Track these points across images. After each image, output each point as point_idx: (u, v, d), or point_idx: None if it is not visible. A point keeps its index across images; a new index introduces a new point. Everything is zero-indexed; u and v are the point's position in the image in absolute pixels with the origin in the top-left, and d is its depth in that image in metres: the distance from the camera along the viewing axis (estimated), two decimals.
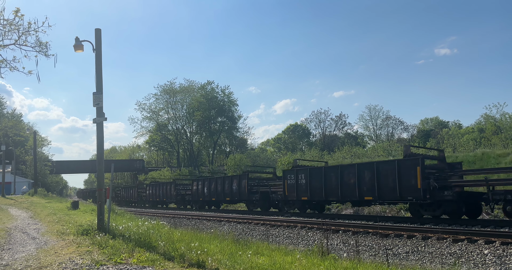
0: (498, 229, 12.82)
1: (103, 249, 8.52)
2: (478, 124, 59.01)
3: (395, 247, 12.32)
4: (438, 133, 58.29)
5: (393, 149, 43.90)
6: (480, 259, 10.19)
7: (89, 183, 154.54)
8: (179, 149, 77.30)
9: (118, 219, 15.09)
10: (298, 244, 14.99)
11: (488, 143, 37.72)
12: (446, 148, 38.34)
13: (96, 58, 12.09)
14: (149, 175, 67.84)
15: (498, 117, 49.45)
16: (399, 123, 71.21)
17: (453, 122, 78.14)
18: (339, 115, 74.30)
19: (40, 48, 11.29)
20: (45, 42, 11.35)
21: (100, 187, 11.82)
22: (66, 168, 75.17)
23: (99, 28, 12.20)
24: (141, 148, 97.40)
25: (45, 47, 11.36)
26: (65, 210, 21.28)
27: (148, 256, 7.62)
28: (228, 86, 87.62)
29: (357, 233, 14.21)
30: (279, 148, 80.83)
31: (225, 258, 7.68)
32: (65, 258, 7.88)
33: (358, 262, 8.07)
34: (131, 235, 9.94)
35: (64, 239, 10.41)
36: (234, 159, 53.79)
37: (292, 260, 7.95)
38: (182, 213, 28.75)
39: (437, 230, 12.80)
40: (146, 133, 78.87)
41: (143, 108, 74.64)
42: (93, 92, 11.86)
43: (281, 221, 18.81)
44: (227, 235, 12.61)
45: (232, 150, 76.99)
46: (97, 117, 11.78)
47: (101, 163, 11.85)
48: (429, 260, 10.99)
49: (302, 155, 54.50)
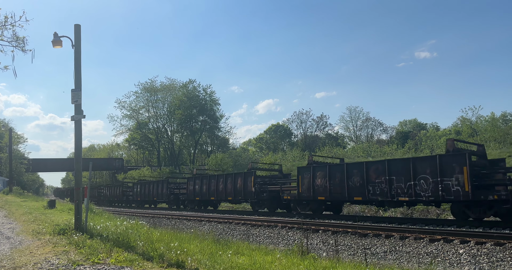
0: (473, 229, 13.14)
1: (80, 249, 8.36)
2: (455, 126, 60.34)
3: (373, 247, 12.49)
4: (416, 135, 59.41)
5: (372, 150, 44.49)
6: (456, 259, 10.43)
7: (66, 181, 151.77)
8: (160, 148, 76.58)
9: (96, 218, 14.86)
10: (278, 243, 15.04)
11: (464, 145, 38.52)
12: (424, 150, 39.09)
13: (75, 54, 11.86)
14: (128, 174, 67.06)
15: (474, 119, 50.72)
16: (379, 124, 72.41)
17: (431, 124, 79.78)
18: (321, 116, 75.13)
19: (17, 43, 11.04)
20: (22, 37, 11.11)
21: (78, 186, 11.60)
22: (43, 166, 73.63)
23: (79, 24, 11.98)
24: (121, 147, 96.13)
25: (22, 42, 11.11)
26: (41, 209, 20.84)
27: (127, 256, 7.52)
28: (210, 85, 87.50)
29: (336, 232, 14.35)
30: (260, 148, 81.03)
31: (205, 258, 7.64)
32: (41, 258, 7.71)
33: (337, 262, 8.15)
34: (109, 234, 9.80)
35: (40, 239, 10.18)
36: (215, 159, 53.63)
37: (272, 259, 7.97)
38: (161, 213, 28.46)
39: (414, 230, 13.03)
40: (125, 132, 77.81)
41: (123, 106, 73.58)
42: (72, 89, 11.62)
43: (261, 221, 18.83)
44: (208, 235, 12.56)
45: (213, 150, 76.68)
46: (75, 115, 11.55)
47: (79, 162, 11.63)
48: (407, 259, 11.18)
49: (284, 155, 54.74)
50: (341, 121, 76.53)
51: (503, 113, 49.85)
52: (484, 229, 13.26)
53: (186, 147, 78.26)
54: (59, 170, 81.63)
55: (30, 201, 28.61)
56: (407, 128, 76.21)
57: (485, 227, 13.57)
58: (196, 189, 31.32)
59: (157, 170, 66.02)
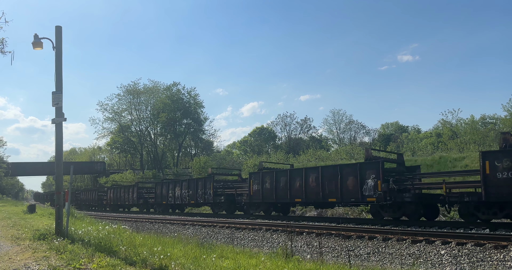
0: (454, 230, 13.36)
1: (61, 254, 8.20)
2: (436, 129, 61.39)
3: (357, 248, 12.58)
4: (398, 137, 60.23)
5: (355, 152, 44.93)
6: (437, 259, 10.58)
7: (47, 186, 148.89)
8: (143, 151, 75.74)
9: (77, 223, 14.62)
10: (263, 246, 15.03)
11: (445, 147, 39.30)
12: (406, 152, 39.68)
13: (56, 56, 11.69)
14: (110, 178, 66.06)
15: (454, 122, 51.65)
16: (361, 127, 73.05)
17: (412, 127, 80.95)
18: (304, 119, 75.34)
19: None
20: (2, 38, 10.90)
21: (59, 190, 11.39)
22: (23, 170, 72.07)
23: (60, 25, 11.81)
24: (103, 150, 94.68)
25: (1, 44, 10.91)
26: (21, 214, 20.41)
27: (109, 261, 7.41)
28: (194, 87, 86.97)
29: (320, 234, 14.41)
30: (245, 151, 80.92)
31: (189, 262, 7.58)
32: (20, 264, 7.53)
33: (321, 264, 8.18)
34: (91, 239, 9.65)
35: (19, 244, 9.95)
36: (199, 162, 53.36)
37: (256, 262, 7.96)
38: (144, 217, 28.18)
39: (397, 231, 13.18)
40: (107, 135, 76.62)
41: (105, 108, 72.48)
42: (53, 92, 11.44)
43: (246, 223, 18.80)
44: (191, 239, 12.47)
45: (197, 153, 76.22)
46: (56, 118, 11.37)
47: (59, 165, 11.43)
48: (389, 260, 11.29)
49: (268, 157, 54.82)
50: (324, 124, 77.07)
51: (482, 116, 50.92)
52: (465, 230, 13.50)
53: (169, 150, 77.62)
54: (39, 174, 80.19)
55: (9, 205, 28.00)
56: (389, 131, 77.20)
57: (466, 228, 13.83)
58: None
59: (140, 174, 65.28)
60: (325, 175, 19.04)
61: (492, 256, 9.95)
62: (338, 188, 18.28)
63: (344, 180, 18.11)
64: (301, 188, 20.09)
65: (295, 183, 20.57)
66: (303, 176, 20.06)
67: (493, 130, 39.20)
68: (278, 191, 21.57)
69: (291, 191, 20.70)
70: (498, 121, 44.93)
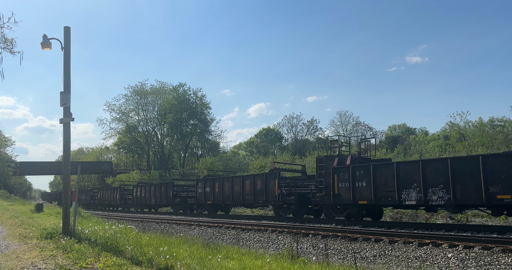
0: (461, 234, 13.26)
1: (68, 253, 8.26)
2: (443, 131, 60.87)
3: (363, 251, 12.53)
4: (406, 140, 59.87)
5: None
6: (444, 263, 10.50)
7: (54, 185, 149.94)
8: (149, 152, 76.05)
9: (84, 222, 14.71)
10: (268, 248, 15.01)
11: (453, 150, 39.02)
12: (414, 154, 39.45)
13: (64, 57, 11.78)
14: (117, 178, 66.41)
15: (462, 125, 51.17)
16: (368, 129, 72.72)
17: (420, 129, 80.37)
18: (311, 120, 75.17)
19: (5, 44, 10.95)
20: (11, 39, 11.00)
21: (66, 190, 11.47)
22: (31, 169, 72.70)
23: (68, 26, 11.91)
24: (110, 150, 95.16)
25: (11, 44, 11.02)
26: (29, 213, 20.57)
27: (115, 261, 7.44)
28: (200, 88, 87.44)
29: (326, 236, 14.37)
30: (251, 152, 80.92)
31: (195, 262, 7.59)
32: (27, 262, 7.59)
33: (327, 266, 8.16)
34: (97, 239, 9.70)
35: (27, 243, 10.04)
36: (205, 163, 53.45)
37: (262, 264, 7.95)
38: (151, 217, 28.22)
39: (403, 234, 13.11)
40: (115, 135, 77.05)
41: (112, 109, 72.92)
42: (61, 92, 11.54)
43: (252, 224, 18.79)
44: (197, 239, 12.49)
45: (204, 153, 76.38)
46: (64, 117, 11.46)
47: (67, 165, 11.51)
48: (396, 263, 11.23)
49: (274, 159, 54.77)
50: (331, 125, 76.83)
51: (490, 118, 50.41)
52: (472, 233, 13.39)
53: (176, 150, 77.85)
54: (47, 174, 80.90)
55: (17, 204, 28.23)
56: (396, 133, 76.78)
57: (473, 232, 13.72)
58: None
59: (147, 174, 65.54)
60: (245, 182, 24.70)
61: (500, 259, 9.85)
62: (251, 192, 24.05)
63: (255, 186, 23.84)
64: (229, 192, 26.05)
65: (228, 187, 26.67)
66: (231, 183, 26.18)
67: (502, 133, 38.85)
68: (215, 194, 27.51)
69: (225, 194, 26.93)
70: (507, 124, 44.44)
